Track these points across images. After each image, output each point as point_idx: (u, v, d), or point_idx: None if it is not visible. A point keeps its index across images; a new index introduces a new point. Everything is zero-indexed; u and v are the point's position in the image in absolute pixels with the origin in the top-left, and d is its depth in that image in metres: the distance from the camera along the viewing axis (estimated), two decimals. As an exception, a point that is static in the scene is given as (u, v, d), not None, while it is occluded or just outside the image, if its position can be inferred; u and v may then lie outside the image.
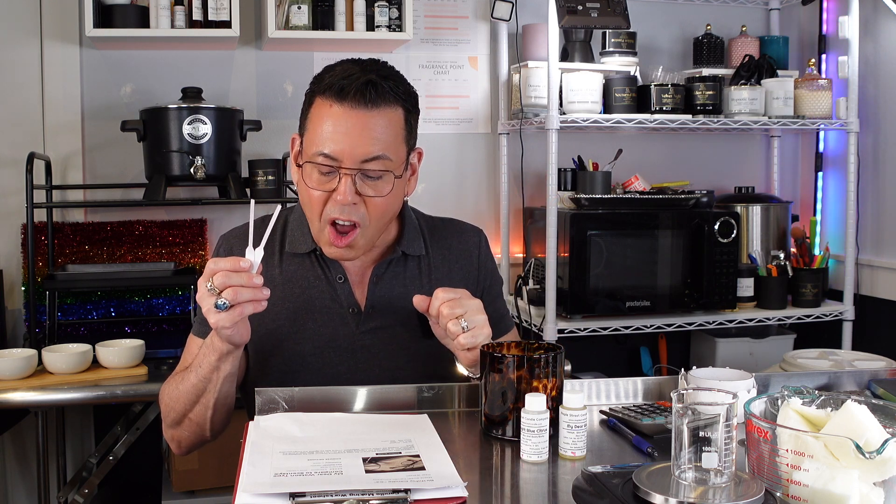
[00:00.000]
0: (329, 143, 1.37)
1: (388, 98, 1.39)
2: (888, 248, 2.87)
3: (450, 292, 1.35)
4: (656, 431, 1.25)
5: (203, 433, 1.45)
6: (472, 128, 3.00)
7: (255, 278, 1.25)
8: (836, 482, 0.88)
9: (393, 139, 1.40)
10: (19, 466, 2.71)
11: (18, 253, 2.60)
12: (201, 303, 1.27)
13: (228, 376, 1.38)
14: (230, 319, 1.26)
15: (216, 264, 1.25)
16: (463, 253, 1.61)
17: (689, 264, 2.69)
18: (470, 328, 1.32)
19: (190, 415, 1.43)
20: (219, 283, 1.24)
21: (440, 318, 1.33)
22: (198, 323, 1.53)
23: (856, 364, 2.32)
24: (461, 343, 1.32)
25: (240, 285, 1.24)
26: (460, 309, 1.32)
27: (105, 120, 2.66)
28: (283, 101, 2.82)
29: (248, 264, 1.26)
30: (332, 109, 1.38)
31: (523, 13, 2.88)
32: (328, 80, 1.39)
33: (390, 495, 0.99)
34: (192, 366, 1.40)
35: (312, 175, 1.40)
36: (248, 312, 1.27)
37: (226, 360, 1.36)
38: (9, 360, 2.06)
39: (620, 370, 3.09)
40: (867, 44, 2.88)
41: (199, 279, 1.27)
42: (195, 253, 2.69)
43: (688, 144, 3.16)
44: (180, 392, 1.42)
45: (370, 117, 1.37)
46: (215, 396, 1.39)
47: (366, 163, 1.38)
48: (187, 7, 2.50)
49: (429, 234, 1.60)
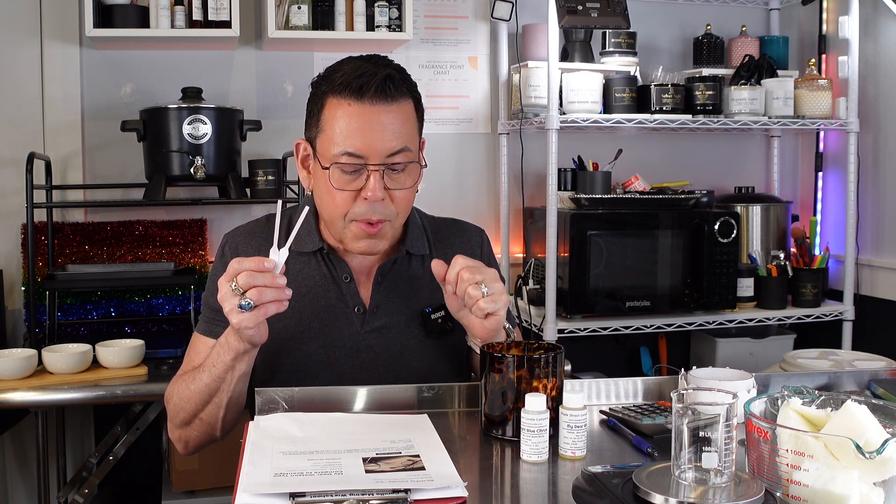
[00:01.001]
0: (352, 141, 1.37)
1: (403, 91, 1.41)
2: (888, 248, 2.87)
3: (468, 260, 1.35)
4: (656, 431, 1.25)
5: (213, 433, 1.44)
6: (472, 128, 3.00)
7: (278, 279, 1.26)
8: (836, 482, 0.88)
9: (410, 131, 1.42)
10: (19, 466, 2.71)
11: (18, 253, 2.60)
12: (223, 303, 1.26)
13: (243, 376, 1.38)
14: (254, 320, 1.26)
15: (241, 264, 1.25)
16: (465, 252, 1.60)
17: (689, 264, 2.69)
18: (490, 293, 1.32)
19: (201, 415, 1.42)
20: (243, 283, 1.24)
21: (460, 283, 1.33)
22: (204, 321, 1.52)
23: (856, 364, 2.32)
24: (481, 308, 1.31)
25: (264, 285, 1.25)
26: (480, 275, 1.32)
27: (105, 120, 2.66)
28: (283, 101, 2.82)
29: (273, 264, 1.26)
30: (350, 108, 1.38)
31: (523, 13, 2.88)
32: (340, 79, 1.38)
33: (390, 495, 0.99)
34: (205, 365, 1.39)
35: (336, 176, 1.39)
36: (272, 313, 1.27)
37: (242, 359, 1.35)
38: (9, 360, 2.06)
39: (620, 370, 3.09)
40: (867, 44, 2.88)
41: (221, 279, 1.27)
42: (195, 253, 2.69)
43: (688, 144, 3.16)
44: (191, 392, 1.40)
45: (389, 112, 1.38)
46: (229, 396, 1.38)
47: (391, 157, 1.39)
48: (187, 7, 2.50)
49: (432, 233, 1.60)
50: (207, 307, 1.52)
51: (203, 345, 1.49)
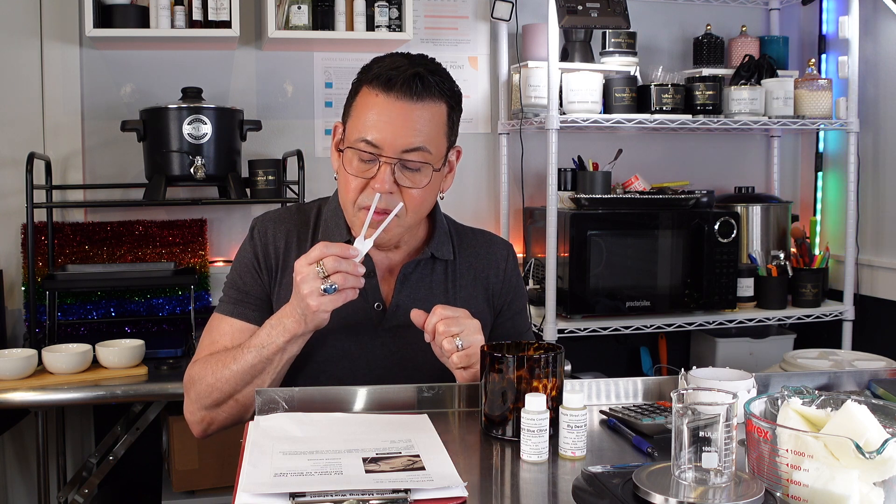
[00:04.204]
0: (372, 130, 1.39)
1: (433, 92, 1.41)
2: (888, 248, 2.87)
3: (448, 310, 1.36)
4: (656, 431, 1.25)
5: (244, 415, 1.44)
6: (472, 128, 3.00)
7: (359, 267, 1.32)
8: (836, 482, 0.88)
9: (435, 133, 1.42)
10: (19, 466, 2.71)
11: (18, 253, 2.60)
12: (304, 284, 1.31)
13: (291, 358, 1.41)
14: (333, 304, 1.31)
15: (328, 248, 1.31)
16: (490, 264, 1.60)
17: (689, 264, 2.69)
18: (465, 347, 1.33)
19: (238, 396, 1.42)
20: (330, 266, 1.29)
21: (436, 336, 1.35)
22: (230, 303, 1.51)
23: (856, 364, 2.33)
24: (454, 362, 1.34)
25: (348, 272, 1.30)
26: (456, 327, 1.33)
27: (105, 120, 2.66)
28: (283, 101, 2.82)
29: (356, 252, 1.32)
30: (377, 99, 1.40)
31: (523, 13, 2.88)
32: (376, 70, 1.41)
33: (390, 495, 0.99)
34: (250, 346, 1.40)
35: (353, 161, 1.41)
36: (350, 299, 1.32)
37: (296, 342, 1.39)
38: (9, 360, 2.06)
39: (620, 370, 3.09)
40: (867, 44, 2.87)
41: (300, 261, 1.32)
42: (195, 253, 2.69)
43: (688, 144, 3.16)
44: (232, 372, 1.40)
45: (414, 109, 1.40)
46: (272, 377, 1.41)
47: (406, 153, 1.40)
48: (187, 7, 2.50)
49: (458, 240, 1.60)
50: (235, 289, 1.52)
51: (229, 325, 1.49)
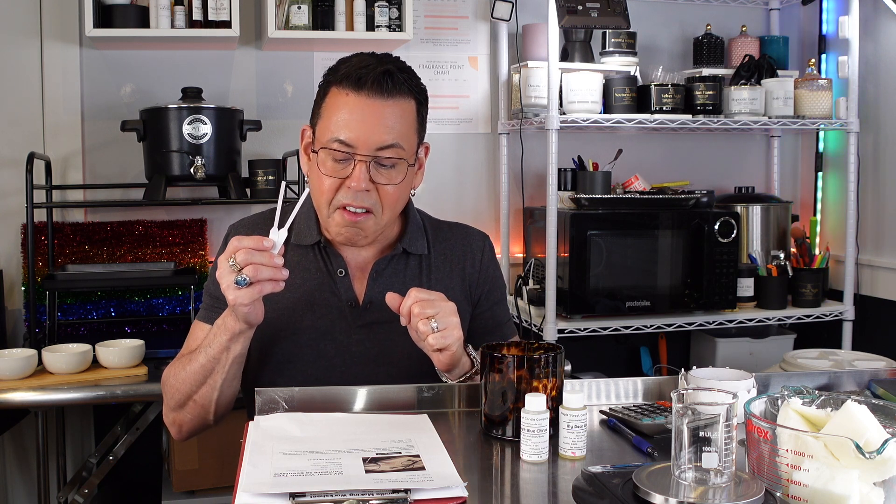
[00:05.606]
0: (345, 130, 1.40)
1: (402, 89, 1.43)
2: (888, 248, 2.87)
3: (423, 292, 1.35)
4: (656, 431, 1.25)
5: (206, 416, 1.45)
6: (472, 128, 3.00)
7: (276, 258, 1.30)
8: (836, 482, 0.88)
9: (406, 129, 1.44)
10: (19, 466, 2.71)
11: (18, 253, 2.60)
12: (221, 280, 1.30)
13: (237, 357, 1.40)
14: (249, 296, 1.29)
15: (240, 242, 1.30)
16: (465, 255, 1.61)
17: (689, 264, 2.69)
18: (440, 329, 1.32)
19: (195, 396, 1.44)
20: (241, 259, 1.28)
21: (411, 318, 1.34)
22: (204, 309, 1.55)
23: (856, 364, 2.32)
24: (430, 344, 1.33)
25: (261, 263, 1.29)
26: (431, 309, 1.32)
27: (105, 120, 2.66)
28: (283, 101, 2.82)
29: (271, 244, 1.30)
30: (348, 98, 1.41)
31: (523, 13, 2.87)
32: (344, 70, 1.43)
33: (390, 495, 0.99)
34: (201, 346, 1.42)
35: (326, 162, 1.43)
36: (267, 291, 1.31)
37: (237, 340, 1.38)
38: (9, 360, 2.06)
39: (620, 370, 3.09)
40: (867, 44, 2.87)
41: (220, 256, 1.32)
42: (195, 253, 2.69)
43: (688, 144, 3.16)
44: (187, 373, 1.43)
45: (386, 106, 1.41)
46: (223, 377, 1.41)
47: (380, 150, 1.41)
48: (187, 7, 2.50)
49: (433, 234, 1.61)
50: (208, 295, 1.55)
51: (201, 331, 1.51)
